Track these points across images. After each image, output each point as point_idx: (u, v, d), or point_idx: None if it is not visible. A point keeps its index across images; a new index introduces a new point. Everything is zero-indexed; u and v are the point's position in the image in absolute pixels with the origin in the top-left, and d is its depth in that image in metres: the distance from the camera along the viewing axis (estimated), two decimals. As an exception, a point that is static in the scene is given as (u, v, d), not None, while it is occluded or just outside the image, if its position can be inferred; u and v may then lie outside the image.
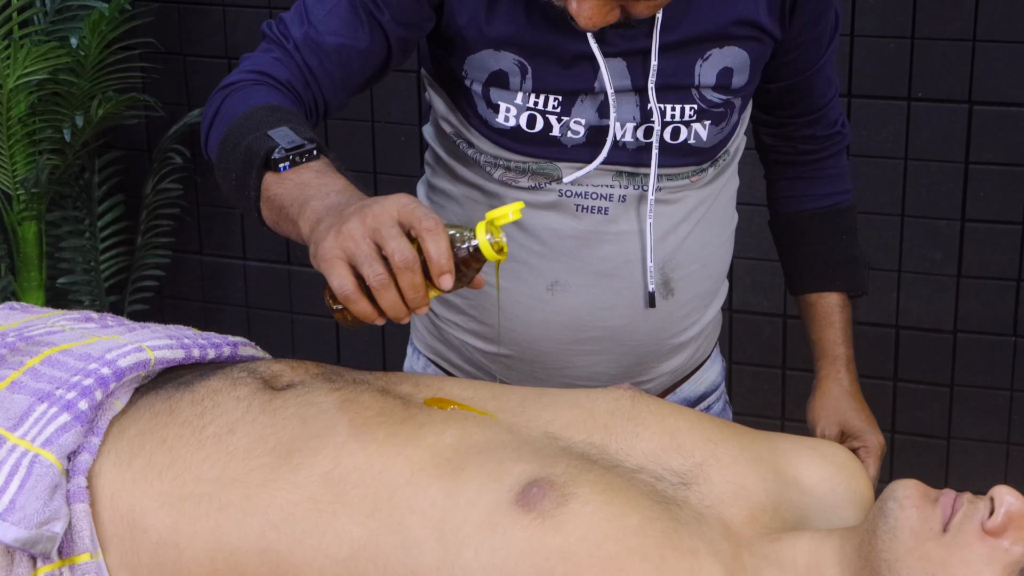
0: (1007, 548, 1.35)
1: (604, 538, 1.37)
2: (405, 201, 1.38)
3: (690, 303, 1.89)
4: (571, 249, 1.81)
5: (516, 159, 1.78)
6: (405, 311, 1.37)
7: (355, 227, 1.36)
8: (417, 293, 1.35)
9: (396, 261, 1.34)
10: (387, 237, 1.34)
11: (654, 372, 1.91)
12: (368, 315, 1.37)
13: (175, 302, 3.84)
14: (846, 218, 2.03)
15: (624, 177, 1.78)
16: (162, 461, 1.50)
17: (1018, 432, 3.22)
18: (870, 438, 1.91)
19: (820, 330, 2.01)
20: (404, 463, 1.47)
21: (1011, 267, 3.13)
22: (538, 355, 1.87)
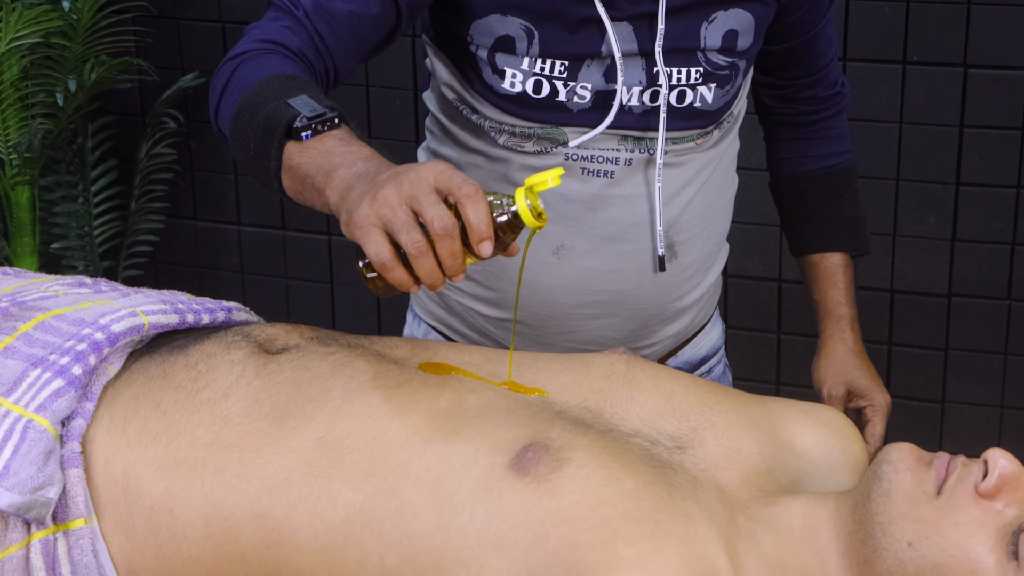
0: (1000, 510, 1.35)
1: (599, 502, 1.37)
2: (442, 167, 1.35)
3: (693, 266, 1.89)
4: (576, 213, 1.80)
5: (521, 124, 1.78)
6: (442, 279, 1.34)
7: (391, 194, 1.33)
8: (456, 260, 1.33)
9: (436, 228, 1.31)
10: (425, 204, 1.32)
11: (658, 336, 1.91)
12: (404, 283, 1.35)
13: (169, 267, 3.84)
14: (847, 178, 2.04)
15: (630, 141, 1.78)
16: (156, 426, 1.50)
17: (1012, 395, 3.23)
18: (877, 396, 1.92)
19: (823, 290, 2.01)
20: (399, 428, 1.46)
21: (1005, 231, 3.13)
22: (544, 319, 1.86)
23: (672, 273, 1.86)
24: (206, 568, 1.46)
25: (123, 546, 1.47)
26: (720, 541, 1.40)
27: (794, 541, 1.43)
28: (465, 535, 1.38)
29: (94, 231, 3.65)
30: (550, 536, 1.36)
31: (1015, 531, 1.34)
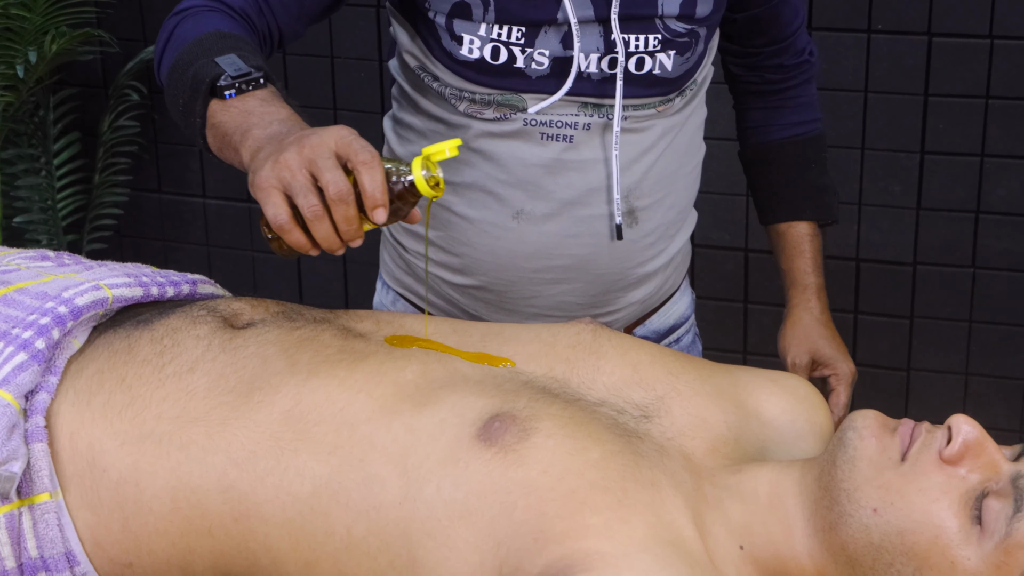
0: (964, 476, 1.36)
1: (566, 472, 1.37)
2: (343, 133, 1.38)
3: (655, 232, 1.89)
4: (536, 177, 1.80)
5: (481, 91, 1.78)
6: (339, 243, 1.37)
7: (292, 157, 1.36)
8: (350, 226, 1.36)
9: (330, 193, 1.34)
10: (323, 169, 1.35)
11: (621, 302, 1.92)
12: (302, 245, 1.38)
13: (134, 241, 3.82)
14: (815, 147, 2.04)
15: (590, 108, 1.78)
16: (121, 400, 1.49)
17: (976, 363, 3.25)
18: (841, 366, 1.92)
19: (790, 259, 2.02)
20: (365, 400, 1.46)
21: (970, 199, 3.14)
22: (505, 284, 1.87)
23: (633, 239, 1.86)
24: (173, 542, 1.46)
25: (89, 520, 1.47)
26: (687, 509, 1.40)
27: (760, 508, 1.44)
28: (432, 506, 1.38)
29: (57, 204, 3.63)
30: (517, 506, 1.36)
31: (978, 496, 1.34)
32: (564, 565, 1.32)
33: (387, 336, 1.59)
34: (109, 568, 1.48)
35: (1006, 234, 3.14)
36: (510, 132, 1.79)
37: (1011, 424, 3.25)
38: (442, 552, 1.37)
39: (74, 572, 1.46)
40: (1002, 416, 3.25)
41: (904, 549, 1.34)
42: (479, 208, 1.83)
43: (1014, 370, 3.23)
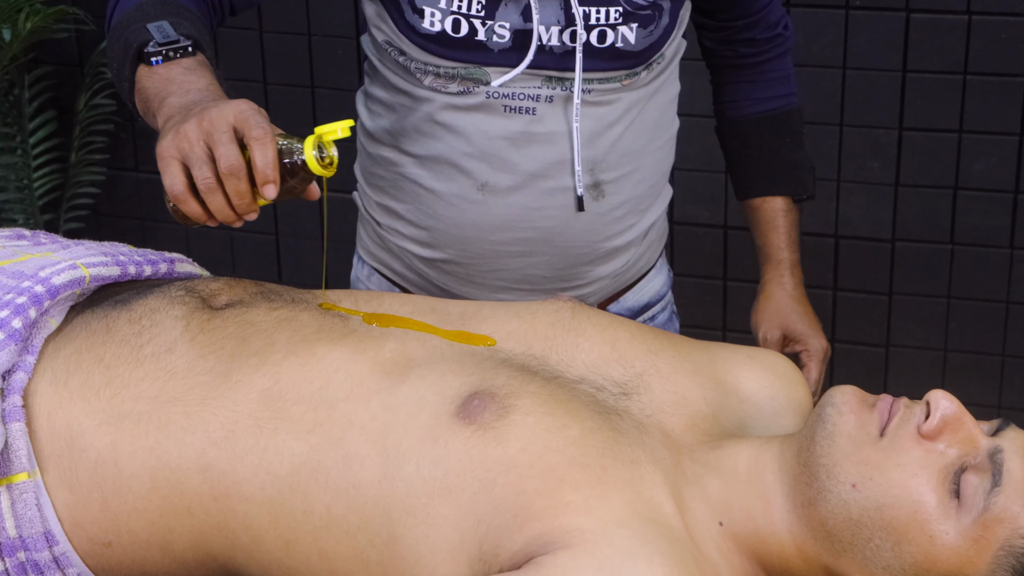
0: (942, 451, 1.36)
1: (545, 449, 1.38)
2: (244, 107, 1.41)
3: (624, 206, 1.89)
4: (500, 149, 1.81)
5: (445, 64, 1.78)
6: (232, 216, 1.41)
7: (191, 129, 1.39)
8: (242, 200, 1.39)
9: (221, 167, 1.37)
10: (218, 142, 1.38)
11: (590, 276, 1.92)
12: (198, 216, 1.41)
13: (111, 220, 3.81)
14: (789, 121, 2.03)
15: (553, 81, 1.78)
16: (99, 379, 1.49)
17: (955, 339, 3.26)
18: (812, 342, 1.92)
19: (764, 235, 2.02)
20: (344, 378, 1.46)
21: (948, 175, 3.15)
22: (472, 257, 1.87)
23: (600, 212, 1.87)
24: (152, 521, 1.46)
25: (67, 499, 1.46)
26: (666, 485, 1.40)
27: (740, 485, 1.44)
28: (411, 484, 1.38)
29: (33, 183, 3.61)
30: (497, 483, 1.36)
31: (957, 471, 1.35)
32: (544, 542, 1.33)
33: (364, 315, 1.58)
34: (88, 547, 1.47)
35: (984, 210, 3.15)
36: (474, 105, 1.80)
37: (989, 399, 3.27)
38: (422, 530, 1.37)
39: (53, 551, 1.46)
40: (980, 391, 3.26)
41: (883, 524, 1.35)
42: (444, 180, 1.84)
43: (992, 346, 3.24)
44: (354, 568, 1.41)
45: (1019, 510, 1.33)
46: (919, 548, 1.34)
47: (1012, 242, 3.15)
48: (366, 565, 1.40)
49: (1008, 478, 1.34)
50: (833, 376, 3.32)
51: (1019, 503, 1.33)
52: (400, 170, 1.88)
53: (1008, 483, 1.34)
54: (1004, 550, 1.33)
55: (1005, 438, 1.38)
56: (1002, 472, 1.34)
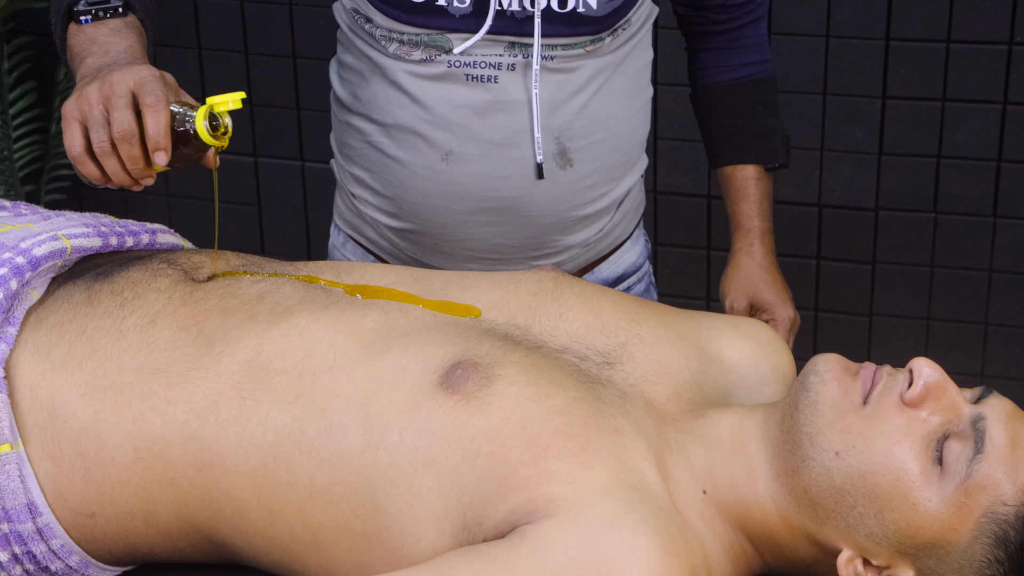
0: (925, 419, 1.37)
1: (528, 418, 1.38)
2: (144, 74, 1.43)
3: (594, 175, 1.89)
4: (464, 119, 1.81)
5: (409, 31, 1.78)
6: (127, 179, 1.45)
7: (93, 91, 1.43)
8: (135, 165, 1.42)
9: (114, 131, 1.41)
10: (114, 107, 1.41)
11: (560, 245, 1.91)
12: (95, 177, 1.46)
13: (93, 191, 3.79)
14: (762, 89, 2.03)
15: (516, 48, 1.78)
16: (82, 351, 1.49)
17: (938, 307, 3.27)
18: (779, 311, 1.92)
19: (735, 203, 2.01)
20: (327, 348, 1.46)
21: (931, 144, 3.15)
22: (438, 227, 1.88)
23: (567, 181, 1.86)
24: (136, 492, 1.46)
25: (50, 471, 1.46)
26: (649, 454, 1.41)
27: (723, 453, 1.44)
28: (395, 454, 1.38)
29: (14, 155, 3.59)
30: (480, 453, 1.36)
31: (939, 438, 1.35)
32: (528, 511, 1.33)
33: (346, 286, 1.58)
34: (72, 519, 1.47)
35: (967, 179, 3.15)
36: (437, 75, 1.80)
37: (972, 367, 3.27)
38: (405, 499, 1.37)
39: (36, 523, 1.46)
40: (963, 359, 3.27)
41: (866, 492, 1.35)
42: (409, 150, 1.84)
43: (975, 314, 3.25)
44: (338, 538, 1.41)
45: (1001, 477, 1.33)
46: (902, 515, 1.34)
47: (995, 211, 3.16)
48: (350, 535, 1.41)
49: (990, 445, 1.34)
50: (816, 345, 3.33)
51: (1001, 470, 1.34)
52: (368, 139, 1.88)
53: (990, 450, 1.34)
54: (986, 517, 1.33)
55: (988, 406, 1.38)
56: (984, 439, 1.35)
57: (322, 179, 3.58)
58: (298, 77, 3.48)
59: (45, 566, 1.49)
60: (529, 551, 1.30)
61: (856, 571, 1.38)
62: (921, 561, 1.36)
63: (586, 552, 1.29)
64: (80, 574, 1.51)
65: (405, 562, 1.38)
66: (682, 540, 1.34)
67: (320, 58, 3.39)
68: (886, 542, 1.36)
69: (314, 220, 3.63)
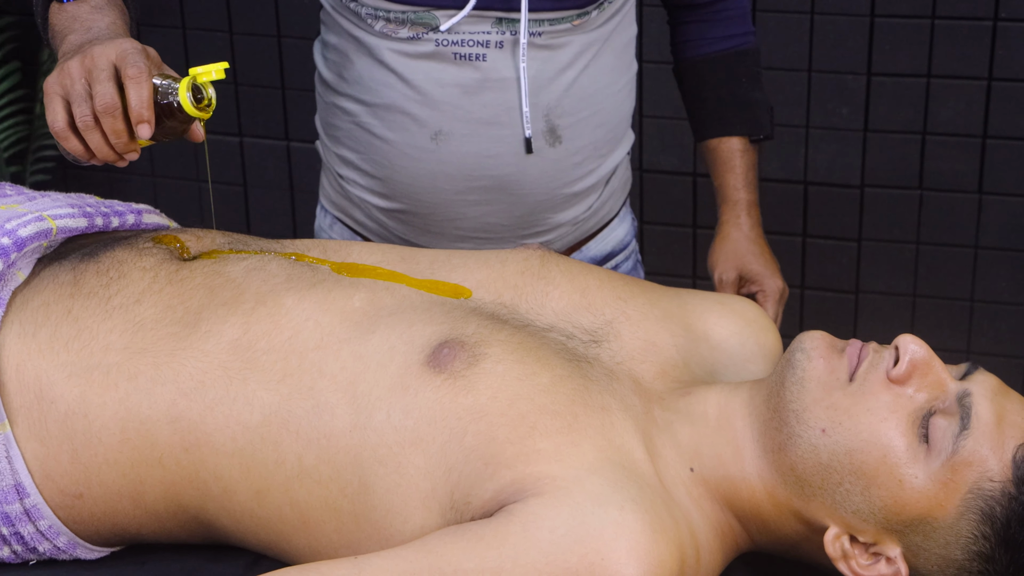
0: (911, 395, 1.37)
1: (515, 397, 1.38)
2: (126, 47, 1.42)
3: (582, 151, 1.89)
4: (453, 98, 1.81)
5: (395, 9, 1.78)
6: (112, 154, 1.43)
7: (75, 66, 1.41)
8: (119, 139, 1.41)
9: (96, 105, 1.39)
10: (95, 80, 1.40)
11: (550, 223, 1.91)
12: (79, 152, 1.43)
13: (78, 172, 3.78)
14: (745, 61, 2.03)
15: (503, 24, 1.78)
16: (68, 332, 1.48)
17: (924, 284, 3.27)
18: (768, 282, 1.93)
19: (721, 175, 2.01)
20: (313, 327, 1.46)
21: (916, 120, 3.15)
22: (428, 207, 1.87)
23: (557, 158, 1.86)
24: (123, 472, 1.45)
25: (38, 452, 1.46)
26: (636, 432, 1.41)
27: (710, 430, 1.44)
28: (382, 433, 1.38)
29: (-1, 135, 3.59)
30: (468, 431, 1.36)
31: (925, 415, 1.36)
32: (515, 489, 1.33)
33: (333, 264, 1.58)
34: (59, 499, 1.47)
35: (953, 155, 3.15)
36: (424, 53, 1.79)
37: (957, 344, 3.28)
38: (393, 479, 1.37)
39: (24, 504, 1.46)
40: (949, 336, 3.28)
41: (853, 468, 1.35)
42: (397, 130, 1.84)
43: (961, 291, 3.26)
44: (326, 517, 1.41)
45: (987, 453, 1.34)
46: (888, 492, 1.35)
47: (980, 187, 3.16)
48: (338, 514, 1.41)
49: (976, 421, 1.35)
50: (803, 322, 3.33)
51: (987, 446, 1.34)
52: (355, 120, 1.88)
53: (976, 426, 1.34)
54: (973, 493, 1.34)
55: (973, 382, 1.38)
56: (970, 415, 1.35)
57: (307, 159, 3.57)
58: (283, 56, 3.47)
59: (33, 547, 1.49)
60: (517, 529, 1.30)
61: (843, 548, 1.38)
62: (908, 537, 1.36)
63: (573, 530, 1.29)
64: (68, 555, 1.51)
65: (393, 541, 1.38)
66: (669, 518, 1.34)
67: (305, 37, 3.39)
68: (873, 519, 1.36)
69: (300, 200, 3.62)
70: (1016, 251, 3.19)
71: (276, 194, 3.63)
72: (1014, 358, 3.24)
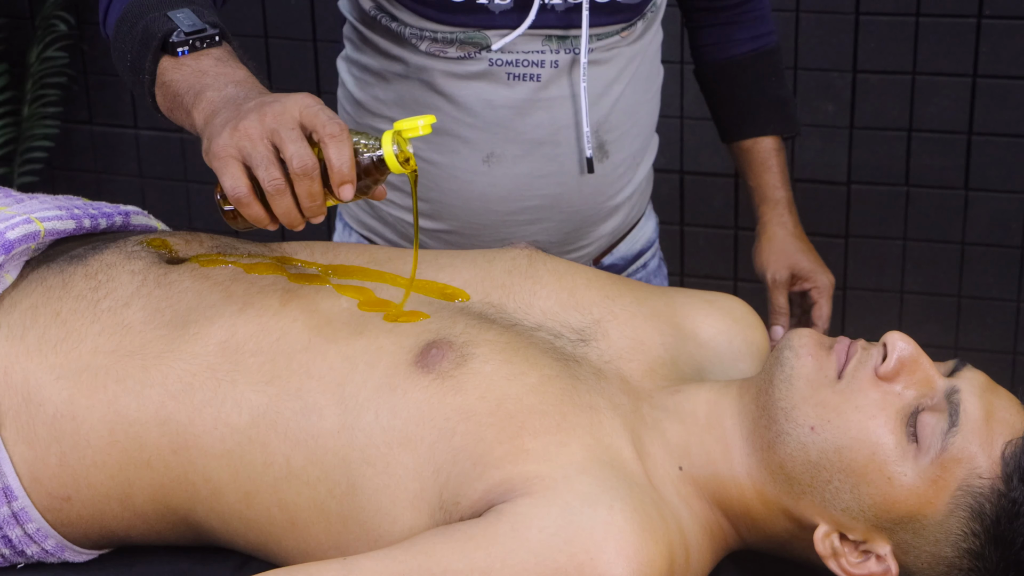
0: (899, 392, 1.37)
1: (503, 397, 1.38)
2: (309, 102, 1.32)
3: (624, 163, 1.88)
4: (505, 119, 1.78)
5: (443, 30, 1.74)
6: (300, 219, 1.31)
7: (253, 126, 1.29)
8: (314, 201, 1.30)
9: (295, 167, 1.27)
10: (286, 140, 1.28)
11: (592, 236, 1.91)
12: (260, 220, 1.32)
13: (66, 173, 3.78)
14: (772, 60, 2.03)
15: (555, 41, 1.75)
16: (56, 334, 1.48)
17: (911, 280, 3.28)
18: (821, 278, 1.93)
19: (759, 176, 2.01)
20: (301, 329, 1.46)
21: (902, 117, 3.15)
22: (477, 228, 1.85)
23: (603, 172, 1.85)
24: (111, 475, 1.45)
25: (25, 455, 1.46)
26: (625, 431, 1.41)
27: (698, 429, 1.44)
28: (370, 433, 1.38)
29: (-14, 138, 3.58)
30: (456, 432, 1.36)
31: (914, 412, 1.36)
32: (504, 489, 1.33)
33: (323, 265, 1.58)
34: (47, 502, 1.47)
35: (939, 152, 3.16)
36: (476, 73, 1.76)
37: (945, 340, 3.29)
38: (382, 479, 1.37)
39: (12, 507, 1.46)
40: (937, 332, 3.29)
41: (842, 466, 1.36)
42: (447, 153, 1.81)
43: (948, 287, 3.26)
44: (315, 519, 1.41)
45: (976, 450, 1.34)
46: (878, 489, 1.35)
47: (967, 183, 3.17)
48: (326, 515, 1.41)
49: (965, 418, 1.35)
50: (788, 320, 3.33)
51: (976, 443, 1.34)
52: None
53: (965, 423, 1.35)
54: (962, 490, 1.34)
55: (962, 378, 1.38)
56: (959, 412, 1.35)
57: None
58: (270, 57, 3.47)
59: (21, 550, 1.48)
60: (506, 529, 1.30)
61: (833, 546, 1.38)
62: (897, 535, 1.37)
63: (563, 530, 1.29)
64: (56, 558, 1.51)
65: (382, 542, 1.38)
66: (659, 517, 1.34)
67: (293, 38, 3.39)
68: (862, 516, 1.36)
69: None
70: (1003, 247, 3.20)
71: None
72: (1002, 354, 3.25)
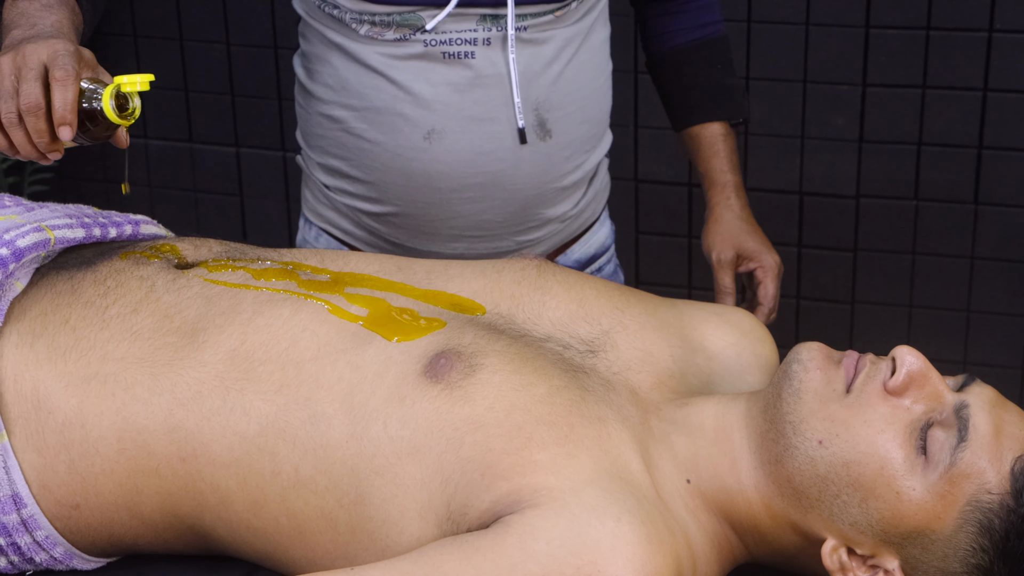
0: (908, 407, 1.37)
1: (512, 407, 1.38)
2: (58, 47, 1.44)
3: (570, 146, 1.91)
4: (444, 96, 1.82)
5: (380, 11, 1.79)
6: (34, 152, 1.45)
7: (6, 63, 1.44)
8: (41, 138, 1.43)
9: (20, 103, 1.41)
10: (23, 78, 1.42)
11: (541, 218, 1.93)
12: (4, 147, 1.45)
13: (75, 182, 3.78)
14: (718, 48, 2.07)
15: (488, 20, 1.80)
16: (66, 341, 1.48)
17: (920, 295, 3.27)
18: (766, 258, 1.95)
19: (707, 160, 2.05)
20: (311, 338, 1.46)
21: (912, 131, 3.15)
22: (422, 207, 1.88)
23: (547, 152, 1.88)
24: (120, 482, 1.45)
25: (35, 462, 1.46)
26: (633, 443, 1.41)
27: (706, 442, 1.44)
28: (379, 443, 1.38)
29: (-5, 146, 3.58)
30: (464, 442, 1.36)
31: (923, 427, 1.36)
32: (512, 500, 1.33)
33: (334, 273, 1.58)
34: (56, 510, 1.47)
35: (948, 166, 3.15)
36: (413, 55, 1.81)
37: (954, 355, 3.28)
38: (390, 489, 1.37)
39: (21, 514, 1.46)
40: (945, 347, 3.28)
41: (850, 480, 1.35)
42: (389, 132, 1.85)
43: (957, 301, 3.26)
44: (322, 528, 1.41)
45: (985, 465, 1.34)
46: (886, 504, 1.35)
47: (976, 197, 3.16)
48: (334, 525, 1.41)
49: (974, 433, 1.35)
50: (799, 333, 3.33)
51: (985, 458, 1.34)
52: (343, 126, 1.88)
53: (974, 438, 1.34)
54: (971, 505, 1.33)
55: (971, 393, 1.38)
56: (968, 427, 1.35)
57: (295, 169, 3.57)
58: (279, 67, 3.48)
59: (30, 557, 1.48)
60: (513, 541, 1.30)
61: (840, 560, 1.38)
62: (906, 550, 1.36)
63: (570, 542, 1.29)
64: (64, 565, 1.51)
65: (389, 552, 1.38)
66: (666, 529, 1.34)
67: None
68: (870, 531, 1.36)
69: (295, 210, 3.62)
70: (1012, 261, 3.19)
71: (272, 204, 3.64)
72: (1011, 369, 3.25)
